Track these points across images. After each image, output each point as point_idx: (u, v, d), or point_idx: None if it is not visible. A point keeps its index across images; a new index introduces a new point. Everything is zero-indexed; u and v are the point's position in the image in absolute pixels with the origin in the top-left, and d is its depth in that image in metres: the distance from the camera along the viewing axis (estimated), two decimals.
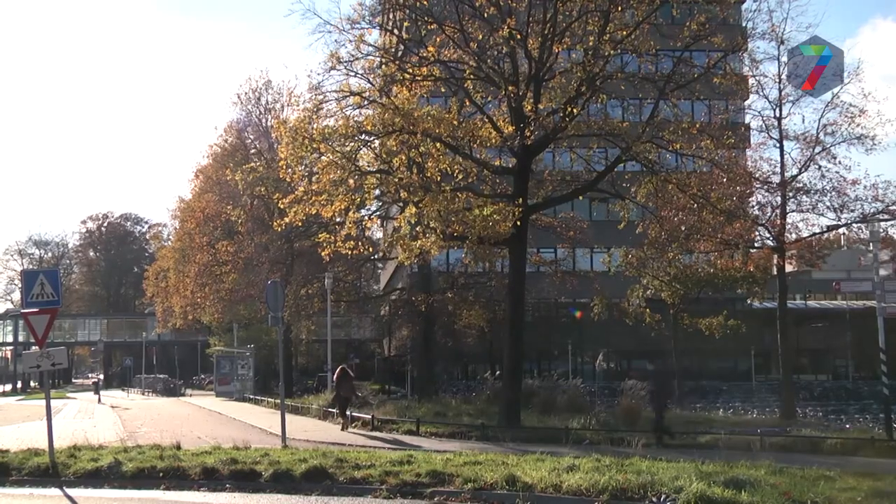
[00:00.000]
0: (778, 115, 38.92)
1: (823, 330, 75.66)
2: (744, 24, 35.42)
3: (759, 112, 39.50)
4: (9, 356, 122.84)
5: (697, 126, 32.43)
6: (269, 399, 51.43)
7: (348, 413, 33.01)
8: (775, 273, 41.54)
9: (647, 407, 29.34)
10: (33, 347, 23.18)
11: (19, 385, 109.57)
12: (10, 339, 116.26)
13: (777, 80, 38.56)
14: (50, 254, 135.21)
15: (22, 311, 22.53)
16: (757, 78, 38.75)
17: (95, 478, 17.76)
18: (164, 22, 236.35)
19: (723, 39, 31.19)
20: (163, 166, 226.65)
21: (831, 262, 48.20)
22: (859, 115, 37.39)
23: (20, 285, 31.01)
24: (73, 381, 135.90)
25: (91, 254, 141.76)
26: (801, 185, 38.52)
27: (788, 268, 43.30)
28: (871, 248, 27.73)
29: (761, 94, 39.02)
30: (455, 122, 29.57)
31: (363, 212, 39.09)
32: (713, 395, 57.66)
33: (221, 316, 66.16)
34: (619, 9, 29.92)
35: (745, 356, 69.54)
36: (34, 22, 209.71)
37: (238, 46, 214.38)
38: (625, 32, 29.99)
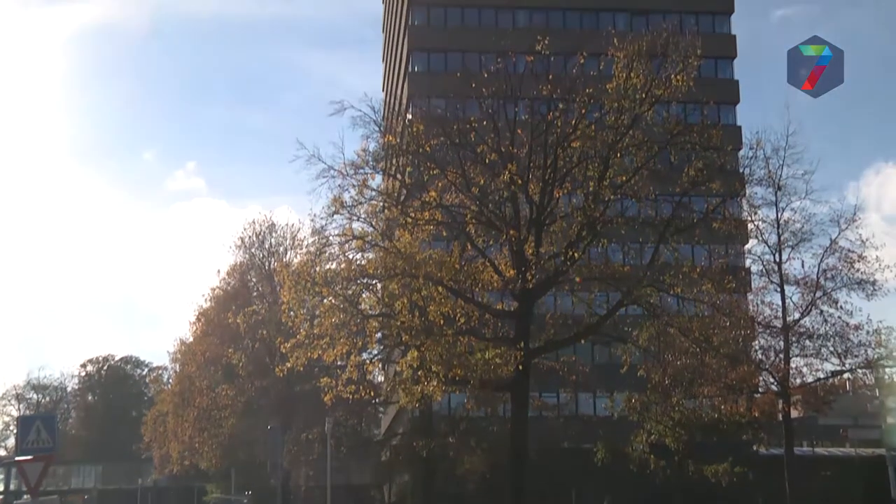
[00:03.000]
0: (778, 259, 39.19)
1: (832, 478, 74.07)
2: (741, 171, 36.00)
3: (759, 256, 39.80)
4: None
5: (698, 270, 32.55)
6: None
7: None
8: (781, 419, 41.02)
9: None
10: (25, 496, 22.68)
11: None
12: (0, 487, 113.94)
13: (775, 226, 38.98)
14: (48, 398, 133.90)
15: (16, 458, 22.13)
16: (755, 223, 39.18)
17: None
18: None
19: (721, 185, 31.66)
20: (165, 309, 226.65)
21: (838, 408, 47.66)
22: (858, 261, 37.66)
23: (15, 431, 30.56)
24: None
25: (89, 398, 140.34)
26: (803, 329, 38.46)
27: (794, 413, 42.81)
28: (878, 394, 27.47)
29: (760, 238, 39.42)
30: (457, 266, 29.74)
31: (365, 355, 38.83)
32: None
33: (220, 461, 65.08)
34: (619, 155, 30.45)
35: None
36: (41, 167, 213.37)
37: (240, 189, 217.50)
38: (624, 178, 30.46)
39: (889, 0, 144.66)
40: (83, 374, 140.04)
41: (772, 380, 39.70)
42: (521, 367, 29.91)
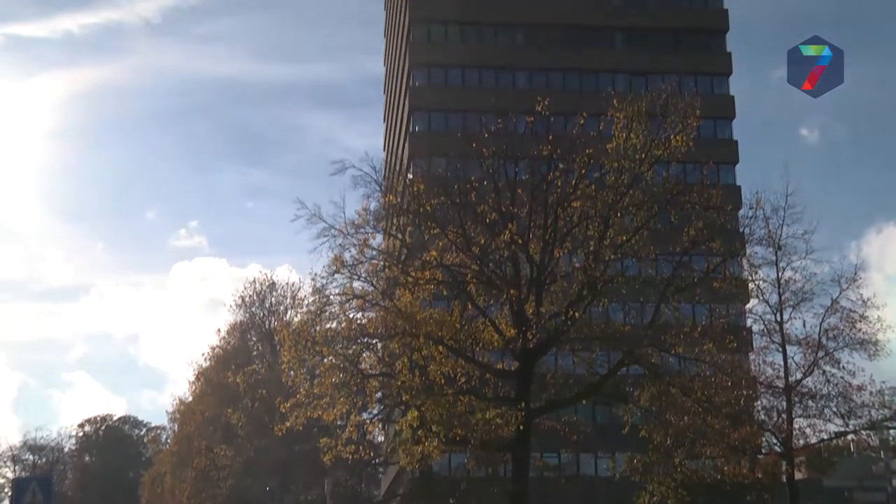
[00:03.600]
0: (779, 319, 39.02)
1: None
2: (741, 230, 36.08)
3: (760, 316, 39.62)
4: None
5: (699, 330, 32.48)
6: None
7: None
8: (785, 480, 40.59)
9: None
10: None
11: None
12: None
13: (776, 285, 38.90)
14: (45, 459, 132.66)
15: None
16: (756, 283, 39.10)
17: None
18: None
19: (721, 245, 31.72)
20: (165, 368, 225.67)
21: (842, 470, 47.13)
22: (860, 321, 37.54)
23: (10, 493, 30.21)
24: None
25: (86, 458, 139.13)
26: (806, 389, 38.19)
27: (798, 475, 42.34)
28: (882, 456, 27.22)
29: (761, 298, 39.28)
30: (457, 326, 29.71)
31: (365, 415, 38.61)
32: None
33: None
34: (619, 214, 30.56)
35: None
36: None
37: (242, 247, 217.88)
38: (625, 237, 30.52)
39: (890, 59, 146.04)
40: (81, 434, 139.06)
41: (775, 440, 39.32)
42: (521, 427, 29.71)
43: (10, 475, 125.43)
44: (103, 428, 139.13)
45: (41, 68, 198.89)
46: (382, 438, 67.00)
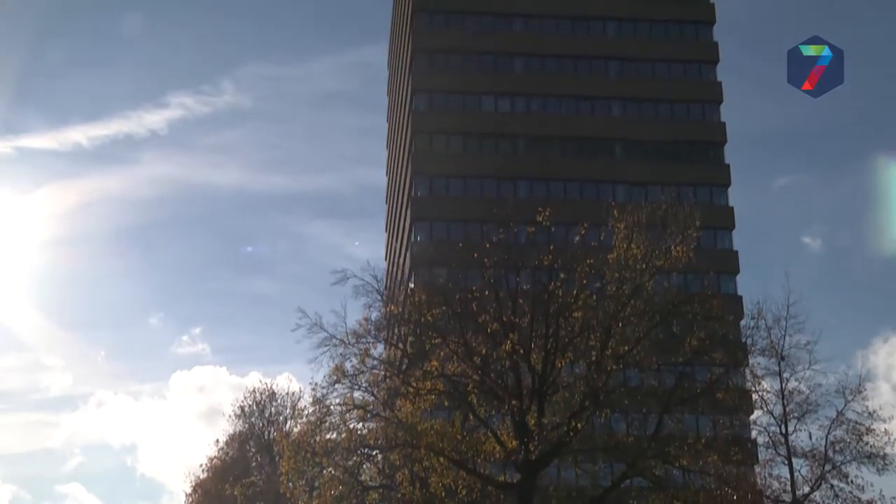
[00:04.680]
0: (784, 431, 38.56)
1: None
2: (743, 341, 35.96)
3: (765, 427, 39.17)
4: None
5: (703, 441, 32.11)
6: None
7: None
8: None
9: None
10: None
11: None
12: None
13: (780, 396, 38.56)
14: None
15: None
16: (760, 394, 38.76)
17: None
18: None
19: (724, 355, 31.65)
20: (162, 479, 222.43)
21: None
22: (867, 434, 37.09)
23: None
24: None
25: None
26: None
27: None
28: None
29: (765, 409, 38.90)
30: (458, 437, 29.43)
31: None
32: None
33: None
34: (620, 325, 30.53)
35: None
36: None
37: (243, 355, 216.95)
38: (626, 348, 30.45)
39: (889, 172, 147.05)
40: None
41: None
42: None
43: None
44: None
45: (49, 179, 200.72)
46: None
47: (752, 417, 41.23)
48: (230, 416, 65.57)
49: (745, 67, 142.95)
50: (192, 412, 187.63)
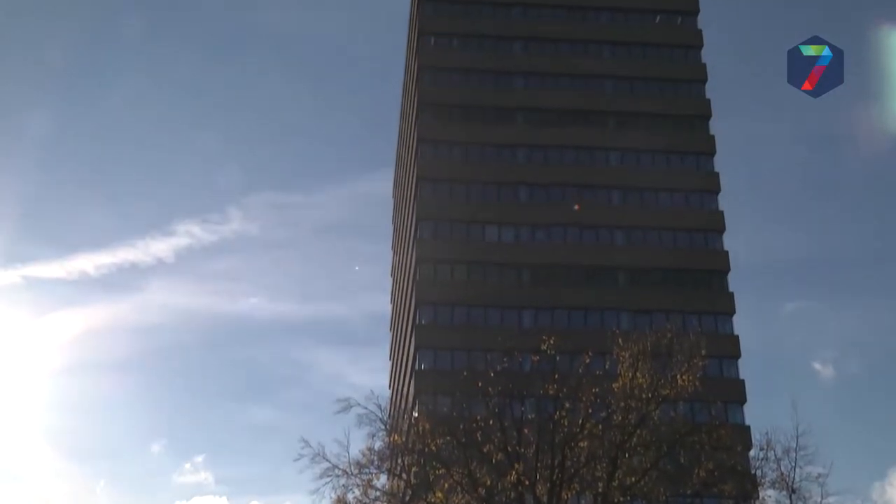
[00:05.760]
0: None
1: None
2: (753, 472, 35.36)
3: None
4: None
5: None
6: None
7: None
8: None
9: None
10: None
11: None
12: None
13: None
14: None
15: None
16: None
17: None
18: None
19: (733, 487, 31.13)
20: None
21: None
22: None
23: None
24: None
25: None
26: None
27: None
28: None
29: None
30: None
31: None
32: None
33: None
34: (627, 455, 30.15)
35: None
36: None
37: (246, 484, 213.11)
38: (634, 478, 30.01)
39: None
40: None
41: None
42: None
43: None
44: None
45: (55, 306, 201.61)
46: None
47: None
48: None
49: (748, 195, 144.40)
50: None
